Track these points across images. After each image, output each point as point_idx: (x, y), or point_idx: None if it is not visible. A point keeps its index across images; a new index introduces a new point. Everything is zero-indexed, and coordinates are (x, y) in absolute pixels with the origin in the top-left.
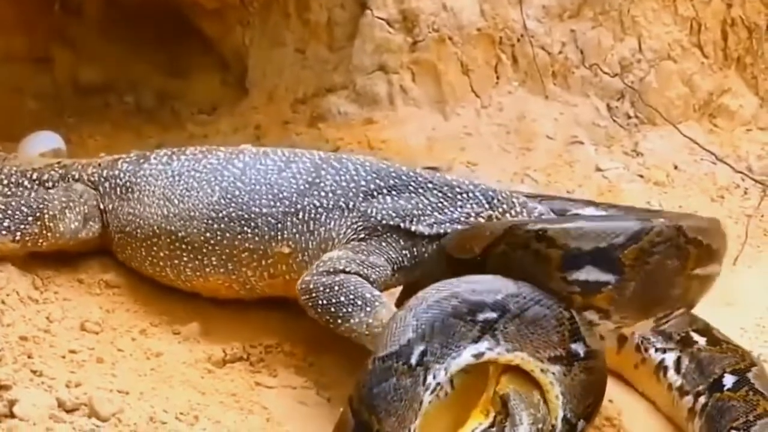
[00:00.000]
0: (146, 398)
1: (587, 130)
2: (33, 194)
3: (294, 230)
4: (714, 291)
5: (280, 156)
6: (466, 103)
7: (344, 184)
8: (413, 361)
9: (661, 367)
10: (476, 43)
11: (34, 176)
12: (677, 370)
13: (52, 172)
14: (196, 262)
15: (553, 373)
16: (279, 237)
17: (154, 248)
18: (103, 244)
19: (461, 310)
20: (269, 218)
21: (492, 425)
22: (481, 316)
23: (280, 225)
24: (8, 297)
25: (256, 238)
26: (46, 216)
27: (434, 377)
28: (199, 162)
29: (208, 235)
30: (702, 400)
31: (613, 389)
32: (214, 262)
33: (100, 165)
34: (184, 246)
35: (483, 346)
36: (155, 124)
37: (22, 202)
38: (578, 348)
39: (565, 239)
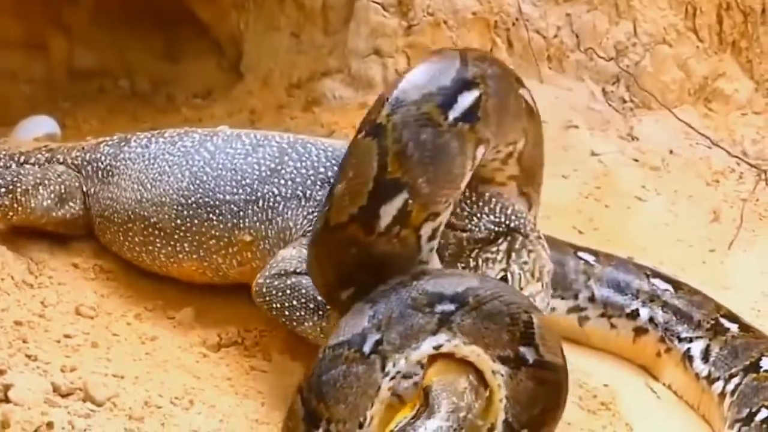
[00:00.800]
0: (141, 382)
1: (582, 114)
2: (10, 170)
3: (255, 218)
4: (709, 275)
5: (251, 140)
6: None
7: (304, 171)
8: (366, 349)
9: (687, 356)
10: (471, 26)
11: (21, 159)
12: (705, 359)
13: (39, 155)
14: (169, 248)
15: (502, 375)
16: (241, 225)
17: (130, 233)
18: (87, 227)
19: (420, 301)
20: (232, 205)
21: (414, 417)
22: (439, 308)
23: (242, 213)
24: (3, 281)
25: (221, 226)
26: (18, 190)
27: (394, 365)
28: (174, 145)
29: (178, 221)
30: (735, 380)
31: (607, 373)
32: (186, 249)
33: (83, 148)
34: (157, 232)
35: (442, 338)
36: (150, 109)
37: None
38: (527, 353)
39: None
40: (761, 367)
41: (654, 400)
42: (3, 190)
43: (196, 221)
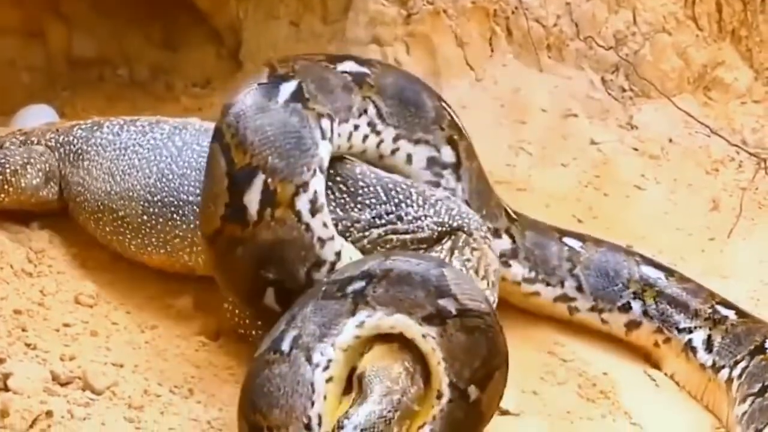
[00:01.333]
0: (140, 371)
1: (582, 103)
2: None
3: None
4: (709, 263)
5: None
6: (460, 76)
7: None
8: (285, 347)
9: (689, 347)
10: (471, 15)
11: None
12: (708, 349)
13: (14, 139)
14: (138, 241)
15: (433, 337)
16: None
17: (101, 222)
18: (62, 208)
19: (330, 290)
20: (195, 207)
21: (351, 406)
22: (350, 289)
23: None
24: (2, 270)
25: (184, 226)
26: (8, 171)
27: (322, 354)
28: (144, 135)
29: (145, 218)
30: (741, 365)
31: (607, 361)
32: (154, 243)
33: (57, 131)
34: (125, 225)
35: (362, 315)
36: (149, 97)
37: None
38: (448, 304)
39: None
40: (766, 349)
41: (653, 389)
42: None
43: (161, 219)
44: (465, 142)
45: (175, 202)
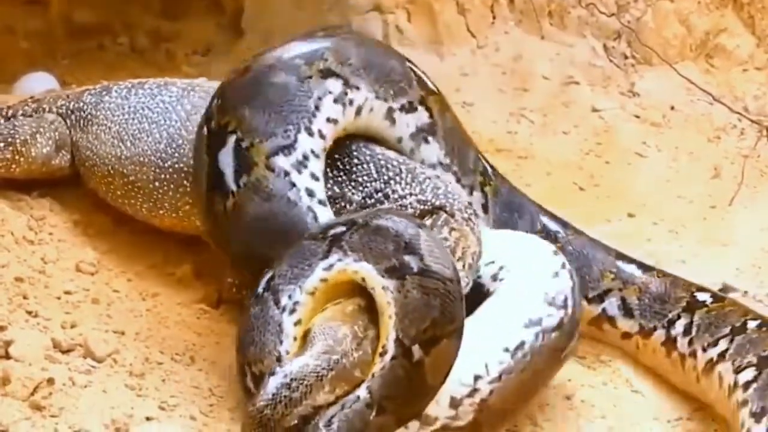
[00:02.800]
0: (142, 339)
1: (583, 71)
2: (3, 125)
3: None
4: (710, 231)
5: None
6: (462, 43)
7: None
8: (260, 289)
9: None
10: None
11: (9, 113)
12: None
13: (26, 107)
14: (150, 205)
15: (391, 291)
16: None
17: (111, 186)
18: (75, 175)
19: (315, 232)
20: None
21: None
22: (330, 232)
23: None
24: (3, 238)
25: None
26: (18, 141)
27: (289, 297)
28: (153, 98)
29: (156, 183)
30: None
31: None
32: (167, 207)
33: (68, 97)
34: (137, 189)
35: (333, 258)
36: (150, 66)
37: None
38: (411, 261)
39: None
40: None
41: (613, 394)
42: (2, 144)
43: (172, 185)
44: (435, 97)
45: (186, 169)
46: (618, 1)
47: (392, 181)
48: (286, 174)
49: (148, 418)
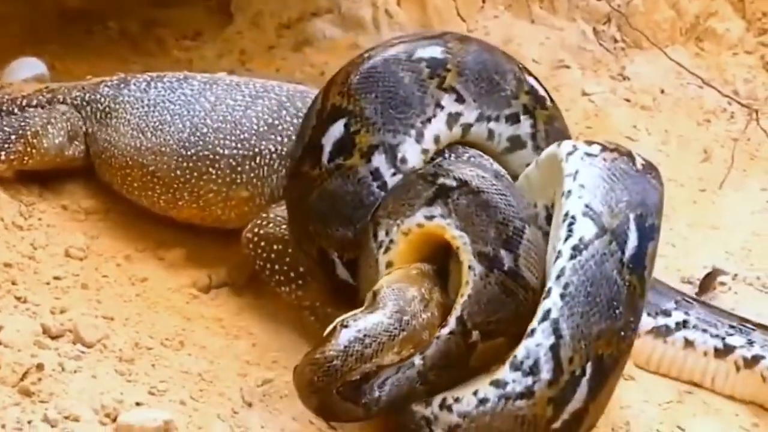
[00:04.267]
0: (131, 324)
1: (573, 54)
2: (16, 116)
3: (252, 174)
4: (700, 214)
5: (251, 90)
6: (452, 27)
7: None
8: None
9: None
10: None
11: (23, 103)
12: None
13: (41, 97)
14: (169, 196)
15: (475, 275)
16: (239, 180)
17: (129, 178)
18: (88, 167)
19: (426, 172)
20: (230, 160)
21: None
22: (440, 180)
23: (239, 168)
24: None
25: (219, 180)
26: (29, 133)
27: (387, 234)
28: (174, 92)
29: (178, 172)
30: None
31: None
32: (186, 197)
33: (83, 88)
34: (156, 180)
35: (436, 210)
36: (139, 51)
37: (5, 124)
38: (506, 258)
39: None
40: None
41: None
42: (14, 137)
43: (195, 173)
44: (543, 107)
45: (211, 156)
46: None
47: None
48: (377, 170)
49: (137, 403)
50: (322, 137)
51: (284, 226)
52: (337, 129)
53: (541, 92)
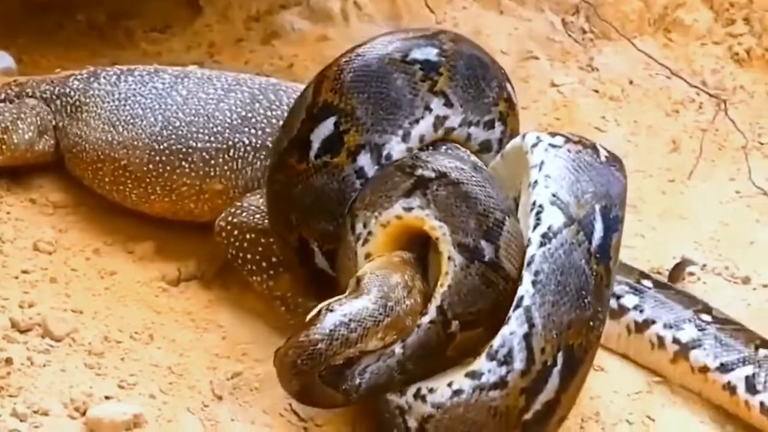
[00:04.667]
0: (100, 318)
1: (542, 45)
2: None
3: (225, 167)
4: (669, 205)
5: (222, 84)
6: (420, 19)
7: (274, 121)
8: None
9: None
10: None
11: None
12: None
13: (9, 91)
14: (141, 190)
15: (455, 265)
16: (212, 173)
17: (100, 173)
18: (58, 161)
19: (404, 164)
20: (204, 154)
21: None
22: (419, 171)
23: (213, 161)
24: None
25: (193, 174)
26: None
27: (364, 226)
28: (145, 85)
29: (150, 166)
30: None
31: None
32: (158, 192)
33: (52, 82)
34: (128, 174)
35: (414, 202)
36: (108, 43)
37: None
38: (486, 249)
39: None
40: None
41: None
42: None
43: (168, 167)
44: (513, 113)
45: (184, 150)
46: None
47: None
48: (362, 168)
49: (107, 397)
50: (311, 133)
51: (258, 216)
52: (326, 126)
53: (514, 98)
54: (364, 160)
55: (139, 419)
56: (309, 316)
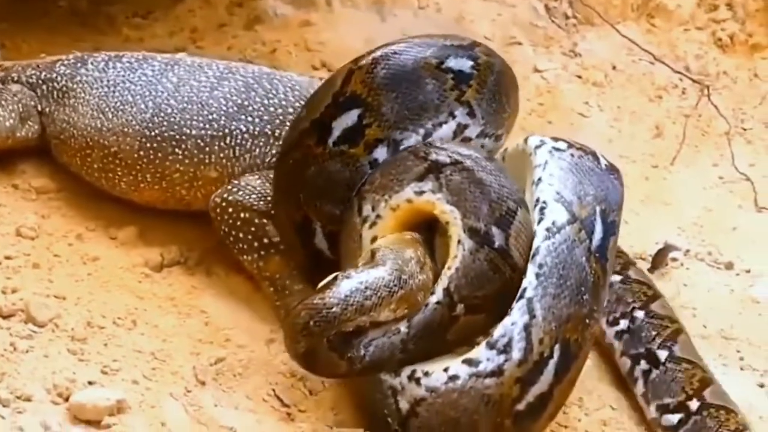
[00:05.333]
0: (83, 303)
1: (525, 31)
2: None
3: (221, 155)
4: (652, 191)
5: (214, 71)
6: (403, 4)
7: (272, 109)
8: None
9: None
10: None
11: None
12: None
13: None
14: (131, 178)
15: (464, 249)
16: (207, 160)
17: (89, 159)
18: (44, 146)
19: (418, 149)
20: (198, 141)
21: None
22: (433, 156)
23: (208, 149)
24: None
25: (186, 161)
26: None
27: (373, 209)
28: (134, 72)
29: (141, 153)
30: None
31: None
32: (149, 179)
33: (38, 66)
34: (117, 161)
35: (426, 186)
36: (90, 29)
37: None
38: (497, 236)
39: None
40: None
41: None
42: None
43: (160, 154)
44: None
45: (177, 137)
46: None
47: None
48: (376, 160)
49: (90, 383)
50: (334, 120)
51: (254, 196)
52: (350, 117)
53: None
54: (381, 152)
55: (122, 405)
56: (323, 282)
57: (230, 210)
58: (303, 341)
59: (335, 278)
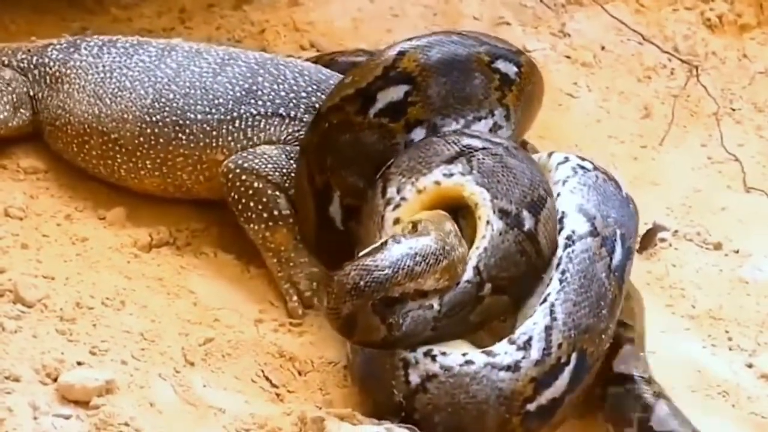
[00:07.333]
0: (72, 284)
1: (514, 11)
2: None
3: (229, 138)
4: (641, 171)
5: (215, 57)
6: None
7: (283, 93)
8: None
9: None
10: None
11: None
12: None
13: None
14: (130, 165)
15: (493, 229)
16: (214, 144)
17: (86, 146)
18: (36, 131)
19: (449, 133)
20: (204, 125)
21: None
22: (465, 141)
23: (215, 132)
24: None
25: (191, 145)
26: None
27: (398, 191)
28: (130, 57)
29: (141, 139)
30: None
31: None
32: (149, 166)
33: (29, 50)
34: (117, 148)
35: (456, 168)
36: (78, 8)
37: None
38: (527, 219)
39: None
40: None
41: None
42: None
43: (162, 140)
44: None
45: (180, 122)
46: None
47: None
48: (412, 140)
49: (78, 363)
50: (380, 92)
51: (270, 166)
52: (396, 92)
53: None
54: (418, 133)
55: (111, 385)
56: (372, 247)
57: (243, 177)
58: (348, 303)
59: (385, 242)
